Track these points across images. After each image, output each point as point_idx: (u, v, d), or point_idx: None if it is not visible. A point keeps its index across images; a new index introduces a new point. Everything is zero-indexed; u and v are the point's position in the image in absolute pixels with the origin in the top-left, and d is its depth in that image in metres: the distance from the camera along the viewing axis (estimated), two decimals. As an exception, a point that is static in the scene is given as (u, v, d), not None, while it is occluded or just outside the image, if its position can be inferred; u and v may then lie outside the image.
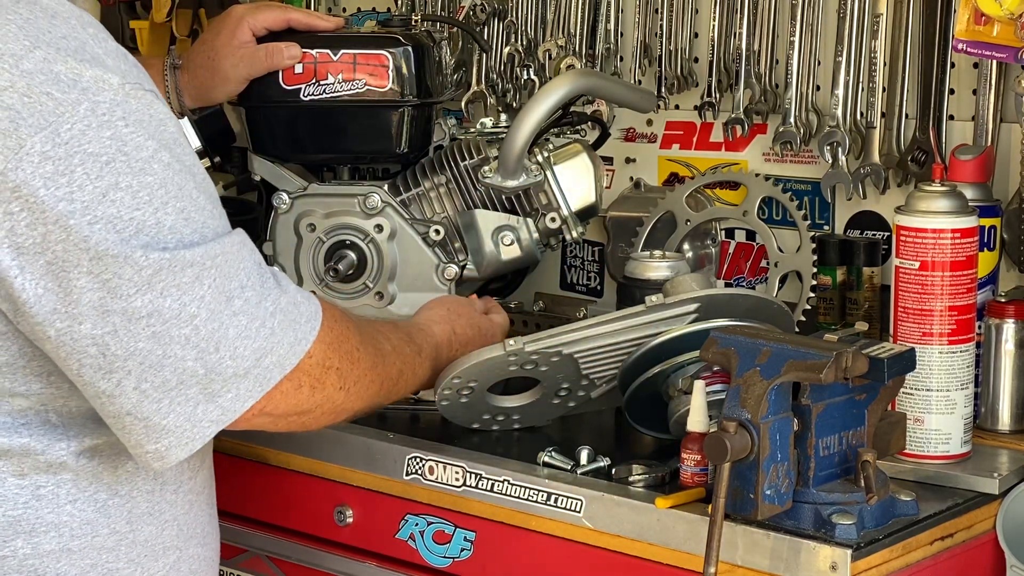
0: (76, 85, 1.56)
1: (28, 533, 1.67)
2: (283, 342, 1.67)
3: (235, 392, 1.64)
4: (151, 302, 1.58)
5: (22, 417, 1.66)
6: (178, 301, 1.59)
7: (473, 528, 1.98)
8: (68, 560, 1.68)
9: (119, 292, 1.57)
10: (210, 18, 2.94)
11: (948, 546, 1.83)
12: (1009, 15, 1.98)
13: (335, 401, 1.76)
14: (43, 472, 1.67)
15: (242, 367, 1.64)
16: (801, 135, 2.45)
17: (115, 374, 1.60)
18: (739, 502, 1.69)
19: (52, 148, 1.54)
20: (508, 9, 2.76)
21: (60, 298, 1.57)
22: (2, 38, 1.56)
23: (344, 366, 1.76)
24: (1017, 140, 2.27)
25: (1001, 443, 2.04)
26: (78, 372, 1.61)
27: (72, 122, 1.55)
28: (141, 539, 1.74)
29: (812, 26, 2.45)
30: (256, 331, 1.64)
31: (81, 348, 1.59)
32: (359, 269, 2.31)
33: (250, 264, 1.66)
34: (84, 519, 1.69)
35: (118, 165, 1.57)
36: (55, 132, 1.54)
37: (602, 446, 2.00)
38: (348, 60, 2.28)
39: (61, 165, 1.54)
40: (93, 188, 1.55)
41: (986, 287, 2.10)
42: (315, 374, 1.72)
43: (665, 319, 1.97)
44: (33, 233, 1.54)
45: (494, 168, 2.29)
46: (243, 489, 2.18)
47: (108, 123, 1.57)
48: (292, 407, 1.71)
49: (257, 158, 2.36)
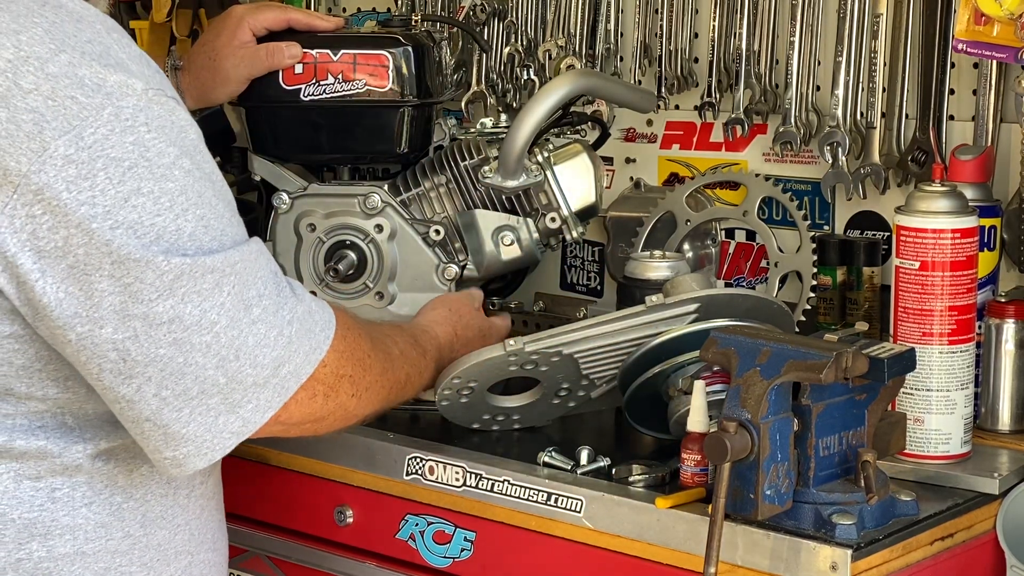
0: (100, 90, 1.56)
1: (43, 536, 1.67)
2: (299, 351, 1.67)
3: (255, 403, 1.65)
4: (172, 308, 1.58)
5: (38, 420, 1.66)
6: (199, 308, 1.59)
7: (473, 528, 1.98)
8: (82, 563, 1.69)
9: (140, 296, 1.57)
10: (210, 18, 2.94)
11: (948, 546, 1.83)
12: (1009, 15, 1.98)
13: (347, 408, 1.77)
14: (59, 475, 1.67)
15: (261, 376, 1.64)
16: (801, 135, 2.45)
17: (135, 379, 1.60)
18: (739, 502, 1.69)
19: (75, 152, 1.54)
20: (508, 9, 2.76)
21: (81, 302, 1.57)
22: (28, 41, 1.56)
23: (356, 373, 1.77)
24: (1017, 140, 2.27)
25: (1001, 443, 2.04)
26: (98, 377, 1.61)
27: (96, 126, 1.55)
28: (154, 543, 1.74)
29: (812, 26, 2.45)
30: (274, 340, 1.65)
31: (102, 352, 1.59)
32: (359, 269, 2.31)
33: (267, 273, 1.67)
34: (99, 522, 1.70)
35: (140, 171, 1.57)
36: (79, 136, 1.54)
37: (602, 446, 2.00)
38: (348, 60, 2.28)
39: (84, 169, 1.54)
40: (115, 193, 1.55)
41: (986, 287, 2.10)
42: (329, 382, 1.72)
43: (665, 319, 1.97)
44: (55, 236, 1.55)
45: (494, 168, 2.29)
46: (243, 489, 2.18)
47: (131, 128, 1.57)
48: (306, 415, 1.72)
49: (257, 158, 2.35)
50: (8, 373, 1.63)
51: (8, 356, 1.62)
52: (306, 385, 1.69)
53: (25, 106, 1.54)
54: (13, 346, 1.62)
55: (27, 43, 1.56)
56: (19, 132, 1.53)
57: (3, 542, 1.65)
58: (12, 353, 1.62)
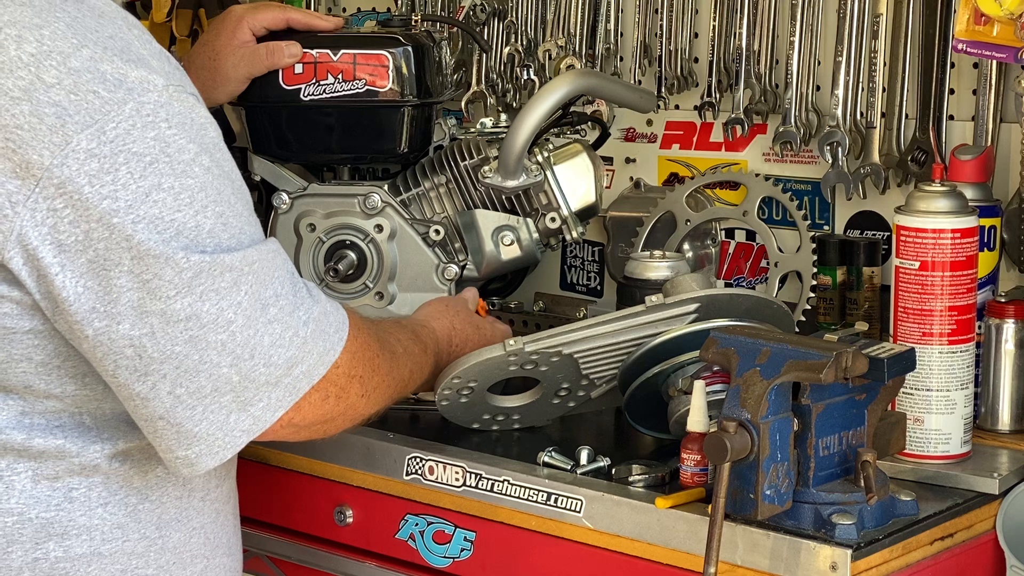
0: (122, 85, 1.57)
1: (60, 536, 1.67)
2: (313, 352, 1.68)
3: (266, 401, 1.65)
4: (190, 305, 1.58)
5: (56, 419, 1.66)
6: (216, 306, 1.59)
7: (473, 528, 1.98)
8: (99, 564, 1.69)
9: (159, 293, 1.57)
10: (210, 18, 2.94)
11: (948, 546, 1.83)
12: (1009, 15, 1.98)
13: (356, 408, 1.77)
14: (76, 475, 1.67)
15: (274, 376, 1.64)
16: (801, 135, 2.45)
17: (150, 377, 1.60)
18: (739, 502, 1.69)
19: (98, 146, 1.55)
20: (508, 9, 2.76)
21: (100, 297, 1.57)
22: (50, 36, 1.57)
23: (366, 374, 1.77)
24: (1017, 140, 2.27)
25: (1001, 443, 2.04)
26: (113, 373, 1.61)
27: (118, 121, 1.56)
28: (170, 546, 1.74)
29: (812, 26, 2.45)
30: (290, 340, 1.65)
31: (118, 349, 1.59)
32: (359, 269, 2.31)
33: (284, 273, 1.67)
34: (115, 523, 1.70)
35: (161, 166, 1.57)
36: (101, 130, 1.55)
37: (602, 446, 2.00)
38: (348, 60, 2.28)
39: (106, 163, 1.55)
40: (137, 187, 1.56)
41: (986, 287, 2.10)
42: (341, 383, 1.73)
43: (665, 319, 1.97)
44: (76, 230, 1.55)
45: (494, 168, 2.29)
46: (244, 489, 2.17)
47: (152, 124, 1.57)
48: (318, 417, 1.72)
49: (257, 158, 2.36)
50: (27, 370, 1.63)
51: (28, 352, 1.62)
52: (318, 386, 1.69)
53: (48, 100, 1.54)
54: (33, 342, 1.62)
55: (49, 38, 1.57)
56: (41, 126, 1.54)
57: (20, 541, 1.66)
58: (32, 349, 1.62)
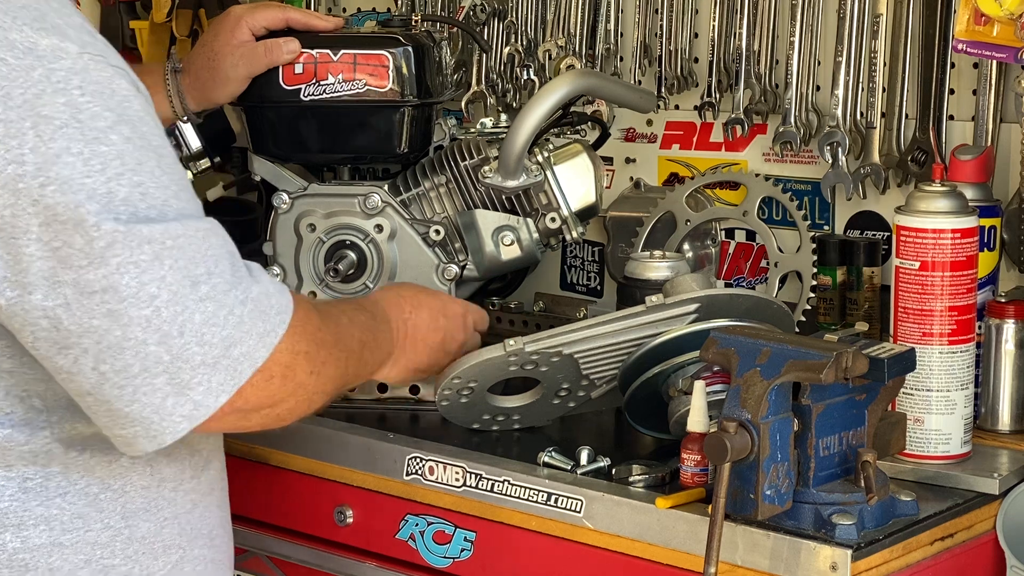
0: (31, 52, 1.56)
1: (16, 526, 1.66)
2: (252, 332, 1.64)
3: (207, 385, 1.61)
4: (105, 277, 1.56)
5: (7, 406, 1.64)
6: (136, 280, 1.57)
7: (473, 528, 1.98)
8: (60, 555, 1.67)
9: (70, 262, 1.55)
10: (210, 18, 2.94)
11: (948, 546, 1.83)
12: (1009, 15, 1.98)
13: (307, 387, 1.72)
14: (30, 464, 1.66)
15: (211, 355, 1.61)
16: (801, 135, 2.45)
17: (71, 351, 1.58)
18: (739, 502, 1.69)
19: (3, 111, 1.54)
20: (508, 9, 2.76)
21: (10, 266, 1.56)
22: None
23: (311, 348, 1.72)
24: (1017, 140, 2.27)
25: (1001, 443, 2.04)
26: (34, 345, 1.59)
27: (25, 86, 1.55)
28: (138, 536, 1.73)
29: (812, 26, 2.45)
30: (224, 319, 1.62)
31: (33, 320, 1.57)
32: (359, 269, 2.31)
33: (221, 252, 1.64)
34: (75, 512, 1.68)
35: (71, 131, 1.56)
36: (8, 95, 1.54)
37: (602, 446, 2.00)
38: (348, 60, 2.27)
39: (12, 128, 1.54)
40: (46, 150, 1.54)
41: (986, 287, 2.10)
42: (284, 361, 1.68)
43: (665, 319, 1.97)
44: None
45: (494, 168, 2.29)
46: (243, 489, 2.18)
47: (63, 90, 1.56)
48: (264, 399, 1.68)
49: (257, 158, 2.35)
50: None
51: None
52: (262, 368, 1.65)
53: None
54: None
55: None
56: None
57: None
58: None
